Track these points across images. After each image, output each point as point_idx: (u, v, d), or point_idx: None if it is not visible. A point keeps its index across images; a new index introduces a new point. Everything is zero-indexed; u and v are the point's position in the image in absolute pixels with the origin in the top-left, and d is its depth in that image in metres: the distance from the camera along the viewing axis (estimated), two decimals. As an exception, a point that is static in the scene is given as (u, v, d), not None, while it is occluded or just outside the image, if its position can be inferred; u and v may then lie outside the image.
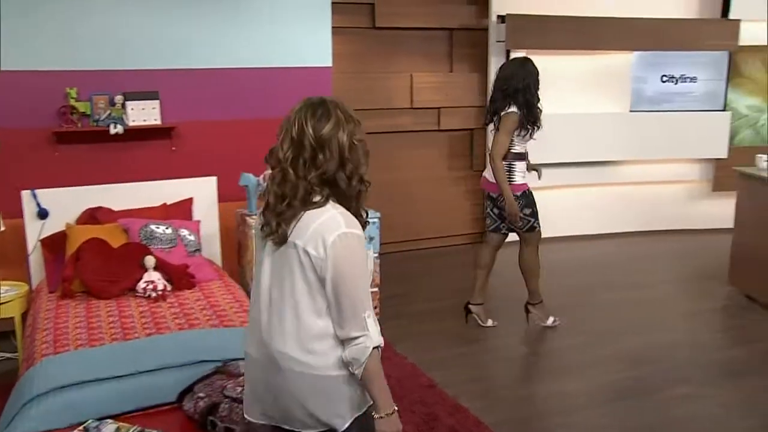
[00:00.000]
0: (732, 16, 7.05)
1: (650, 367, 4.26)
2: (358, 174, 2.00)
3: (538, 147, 4.72)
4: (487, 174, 4.63)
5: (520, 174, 4.56)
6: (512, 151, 4.48)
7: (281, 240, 1.97)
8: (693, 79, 7.24)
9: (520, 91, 4.41)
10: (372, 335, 1.94)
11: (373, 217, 4.70)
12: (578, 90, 6.99)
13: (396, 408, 2.01)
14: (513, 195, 4.47)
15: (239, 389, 2.62)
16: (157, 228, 4.39)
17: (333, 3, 5.45)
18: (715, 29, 7.06)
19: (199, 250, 4.53)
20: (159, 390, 2.86)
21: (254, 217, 4.61)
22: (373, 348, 1.94)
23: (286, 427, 2.05)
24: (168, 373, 2.93)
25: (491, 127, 4.64)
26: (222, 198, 4.95)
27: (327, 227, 1.94)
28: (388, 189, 6.64)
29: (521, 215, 4.54)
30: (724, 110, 7.37)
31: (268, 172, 4.41)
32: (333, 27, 5.58)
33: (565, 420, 3.68)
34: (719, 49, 7.12)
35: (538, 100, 4.49)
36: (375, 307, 4.75)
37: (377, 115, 6.47)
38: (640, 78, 7.18)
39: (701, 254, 6.65)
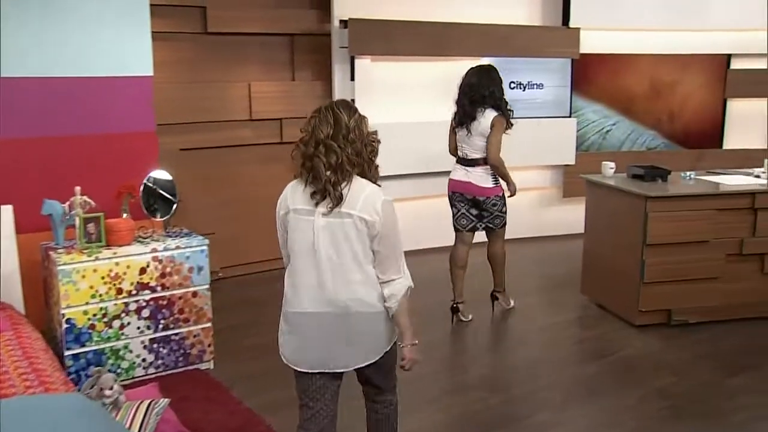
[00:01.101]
0: (572, 24, 7.08)
1: (510, 392, 4.02)
2: (375, 156, 2.55)
3: (386, 157, 4.38)
4: (468, 178, 4.87)
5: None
6: None
7: (338, 201, 2.44)
8: (540, 86, 7.23)
9: (487, 98, 4.74)
10: (407, 277, 2.58)
11: (200, 244, 4.16)
12: (428, 98, 6.75)
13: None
14: (497, 196, 4.87)
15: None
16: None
17: (156, 6, 4.86)
18: (557, 37, 7.07)
19: (-9, 293, 3.82)
20: None
21: (60, 250, 3.96)
22: (407, 287, 2.56)
23: (336, 371, 2.58)
24: None
25: (465, 132, 4.86)
26: (21, 229, 4.21)
27: (374, 198, 2.48)
28: (227, 208, 6.12)
29: (500, 213, 4.92)
30: (570, 117, 7.41)
31: (77, 198, 3.62)
32: (156, 32, 4.99)
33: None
34: (562, 57, 7.14)
35: (506, 104, 4.81)
36: (209, 345, 4.25)
37: (213, 129, 5.93)
38: (488, 85, 7.06)
39: (555, 262, 6.60)
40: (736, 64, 7.88)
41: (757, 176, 5.36)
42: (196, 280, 4.15)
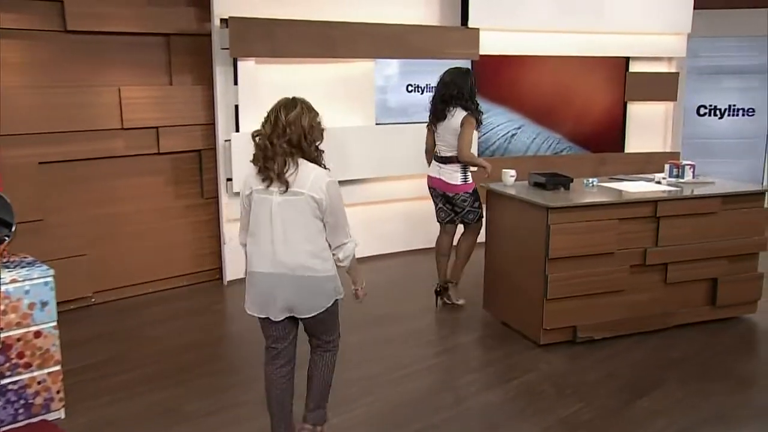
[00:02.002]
0: (471, 25, 6.79)
1: (406, 429, 3.60)
2: (314, 143, 3.02)
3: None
4: (440, 175, 5.14)
5: (470, 174, 5.14)
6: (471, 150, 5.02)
7: (286, 185, 2.94)
8: (438, 89, 6.89)
9: (454, 98, 4.95)
10: (353, 240, 3.12)
11: (43, 275, 3.55)
12: (320, 102, 6.26)
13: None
14: (465, 192, 5.12)
15: None
16: None
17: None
18: (456, 37, 6.76)
19: None
20: None
21: None
22: (352, 242, 3.11)
23: (295, 315, 3.10)
24: None
25: (437, 130, 5.11)
26: None
27: (320, 179, 2.98)
28: (100, 227, 5.51)
29: (471, 209, 5.16)
30: (471, 121, 7.12)
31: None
32: (4, 29, 4.37)
33: None
34: (461, 58, 6.82)
35: (477, 105, 5.01)
36: (58, 391, 3.66)
37: (78, 139, 5.28)
38: (384, 88, 6.69)
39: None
40: (635, 67, 7.81)
41: (658, 182, 5.18)
42: (38, 317, 3.54)
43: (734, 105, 8.60)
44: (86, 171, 5.40)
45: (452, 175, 5.09)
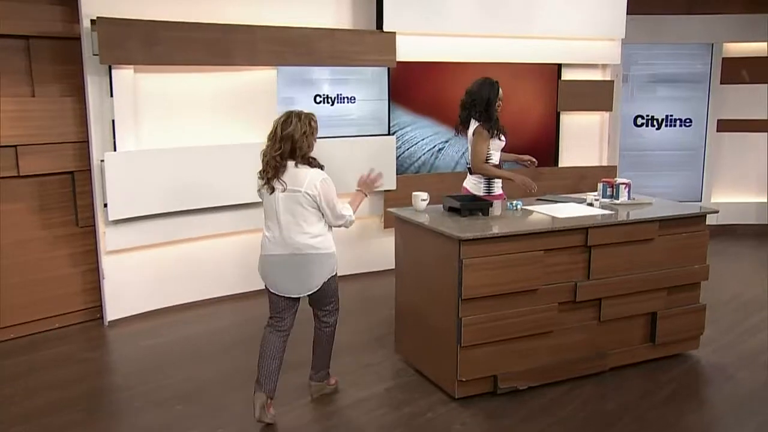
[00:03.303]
0: (387, 28, 6.14)
1: None
2: (303, 152, 3.59)
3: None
4: (466, 184, 4.87)
5: (498, 185, 4.82)
6: (490, 162, 4.74)
7: (283, 187, 3.56)
8: (352, 100, 6.24)
9: (469, 109, 4.80)
10: (347, 216, 3.75)
11: None
12: (214, 117, 5.58)
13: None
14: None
15: None
16: None
17: None
18: (370, 42, 6.09)
19: None
20: None
21: None
22: (349, 216, 3.76)
23: (307, 293, 3.71)
24: None
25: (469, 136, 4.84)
26: None
27: (314, 178, 3.57)
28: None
29: None
30: (389, 134, 6.47)
31: None
32: None
33: None
34: (376, 65, 6.18)
35: (490, 116, 4.73)
36: None
37: None
38: (288, 99, 5.98)
39: (374, 306, 5.59)
40: (567, 75, 7.28)
41: (590, 204, 4.59)
42: None
43: (671, 115, 8.17)
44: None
45: (476, 186, 4.79)
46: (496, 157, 4.78)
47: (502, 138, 4.77)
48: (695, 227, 4.44)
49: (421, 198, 4.36)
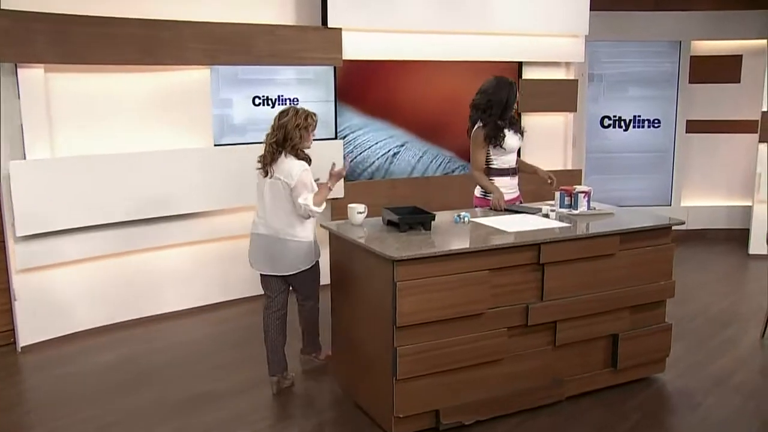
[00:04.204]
0: (331, 24, 5.70)
1: None
2: (292, 143, 3.87)
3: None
4: (476, 191, 4.71)
5: (503, 189, 4.53)
6: (491, 167, 4.58)
7: (270, 174, 3.88)
8: (294, 101, 5.78)
9: (485, 108, 4.49)
10: (302, 204, 3.84)
11: None
12: (141, 120, 5.11)
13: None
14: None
15: None
16: None
17: None
18: (313, 39, 5.65)
19: None
20: None
21: None
22: (305, 206, 3.84)
23: (278, 274, 3.99)
24: None
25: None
26: None
27: (294, 169, 3.84)
28: None
29: None
30: (336, 138, 6.03)
31: None
32: None
33: None
34: (321, 64, 5.74)
35: (493, 120, 4.47)
36: None
37: None
38: (224, 101, 5.52)
39: (327, 322, 5.12)
40: (528, 74, 6.88)
41: (546, 215, 4.18)
42: None
43: (639, 116, 7.82)
44: None
45: (476, 188, 4.68)
46: (498, 162, 4.57)
47: (504, 146, 4.50)
48: (660, 240, 4.05)
49: (357, 211, 3.92)
